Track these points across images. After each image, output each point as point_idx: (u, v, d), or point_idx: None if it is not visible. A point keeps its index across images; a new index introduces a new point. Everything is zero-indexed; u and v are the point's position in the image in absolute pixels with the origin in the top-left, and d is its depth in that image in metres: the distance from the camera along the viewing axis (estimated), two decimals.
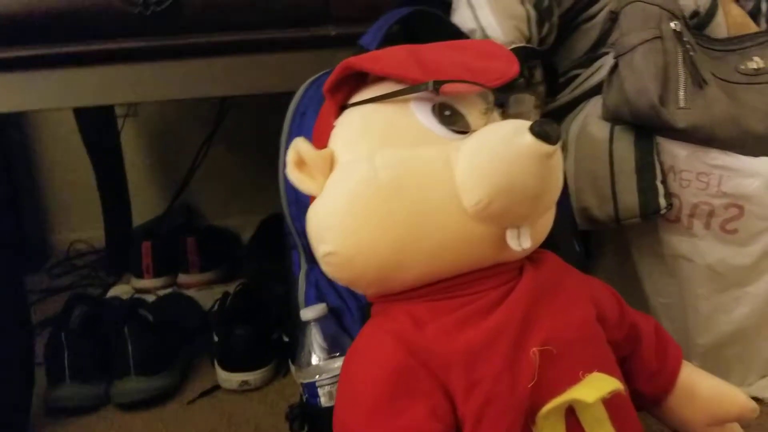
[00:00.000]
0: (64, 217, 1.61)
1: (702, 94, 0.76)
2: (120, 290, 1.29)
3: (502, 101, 0.54)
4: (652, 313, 0.88)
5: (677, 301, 0.85)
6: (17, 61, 0.80)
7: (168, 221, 1.53)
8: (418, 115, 0.51)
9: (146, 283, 1.33)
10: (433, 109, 0.51)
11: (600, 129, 0.82)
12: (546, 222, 0.55)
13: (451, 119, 0.51)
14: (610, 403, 0.48)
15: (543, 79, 0.88)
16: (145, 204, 1.55)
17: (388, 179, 0.49)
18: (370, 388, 0.49)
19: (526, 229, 0.50)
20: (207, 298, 1.22)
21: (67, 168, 1.56)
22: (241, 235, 1.49)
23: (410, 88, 0.51)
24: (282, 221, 1.41)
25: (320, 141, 0.55)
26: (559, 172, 0.50)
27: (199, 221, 1.62)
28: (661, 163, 0.79)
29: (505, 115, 0.54)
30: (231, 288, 1.12)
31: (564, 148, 0.87)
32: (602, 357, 0.53)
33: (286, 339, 1.02)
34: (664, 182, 0.79)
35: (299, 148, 0.52)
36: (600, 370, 0.50)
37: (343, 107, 0.55)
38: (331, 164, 0.52)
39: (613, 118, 0.81)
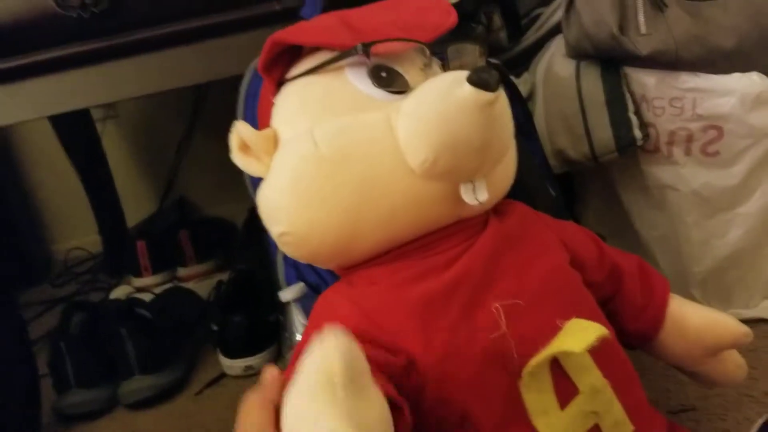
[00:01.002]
0: (60, 227, 1.62)
1: (663, 18, 0.73)
2: (122, 291, 1.29)
3: (441, 55, 0.52)
4: (645, 248, 0.86)
5: (669, 232, 0.83)
6: None
7: (163, 217, 1.53)
8: (354, 81, 0.49)
9: (146, 281, 1.33)
10: (369, 72, 0.49)
11: (565, 67, 0.80)
12: (505, 171, 0.54)
13: (389, 80, 0.49)
14: (594, 348, 0.47)
15: (503, 24, 0.86)
16: (138, 203, 1.56)
17: (330, 152, 0.47)
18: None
19: (481, 182, 0.49)
20: (207, 288, 1.22)
21: (55, 179, 1.56)
22: (237, 222, 1.49)
23: (340, 54, 0.49)
24: None
25: (264, 121, 0.54)
26: (505, 118, 0.48)
27: (194, 213, 1.62)
28: (631, 94, 0.77)
29: (448, 69, 0.52)
30: (224, 278, 1.12)
31: (532, 93, 0.86)
32: (580, 302, 0.52)
33: (283, 319, 1.02)
34: (637, 113, 0.77)
35: (240, 131, 0.51)
36: (578, 316, 0.48)
37: (280, 83, 0.54)
38: (274, 143, 0.51)
39: (577, 54, 0.78)
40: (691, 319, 0.58)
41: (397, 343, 0.46)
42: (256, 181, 0.75)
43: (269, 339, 1.01)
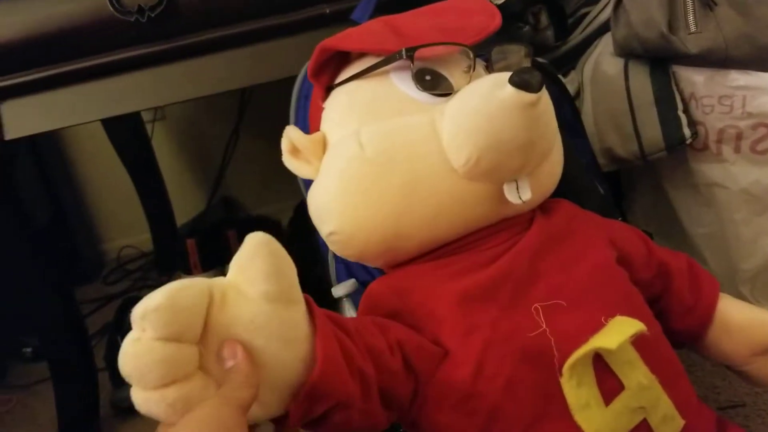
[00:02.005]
0: (112, 226, 1.67)
1: (712, 16, 0.72)
2: None
3: (486, 57, 0.53)
4: (693, 246, 0.85)
5: (717, 230, 0.82)
6: (32, 84, 0.83)
7: (210, 216, 1.57)
8: (399, 84, 0.51)
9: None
10: (413, 76, 0.50)
11: (613, 66, 0.80)
12: (550, 170, 0.54)
13: (433, 83, 0.50)
14: (640, 344, 0.47)
15: (549, 23, 0.86)
16: (185, 202, 1.59)
17: (375, 154, 0.49)
18: None
19: (525, 181, 0.49)
20: None
21: (106, 179, 1.61)
22: (282, 222, 1.52)
23: (385, 59, 0.50)
24: None
25: (314, 124, 0.56)
26: (549, 118, 0.48)
27: (239, 212, 1.65)
28: (680, 92, 0.76)
29: (493, 71, 0.53)
30: None
31: (580, 91, 0.85)
32: (625, 300, 0.52)
33: None
34: (685, 111, 0.76)
35: (290, 135, 0.53)
36: (624, 314, 0.49)
37: (329, 88, 0.55)
38: (323, 146, 0.52)
39: (625, 53, 0.78)
40: (738, 317, 0.58)
41: (435, 333, 0.48)
42: (308, 183, 0.78)
43: None
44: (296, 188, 1.41)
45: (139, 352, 0.35)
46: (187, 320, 0.36)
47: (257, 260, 0.37)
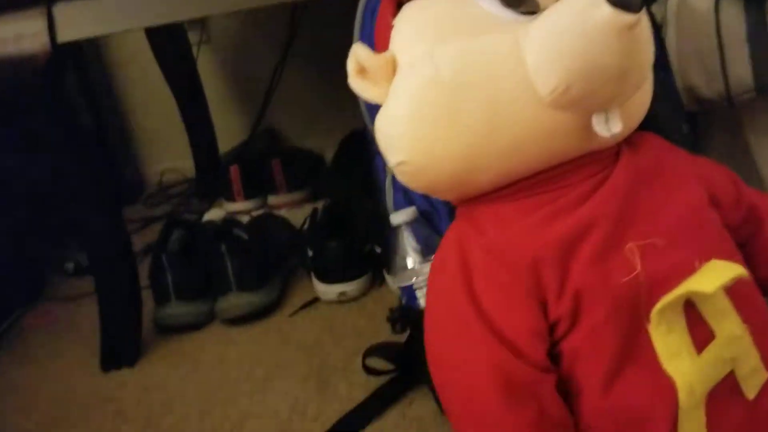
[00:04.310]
0: (154, 150, 1.66)
1: None
2: (214, 214, 1.32)
3: None
4: None
5: None
6: None
7: (252, 146, 1.55)
8: (480, 0, 0.47)
9: (238, 206, 1.36)
10: None
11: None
12: (641, 100, 0.50)
13: (518, 0, 0.46)
14: (733, 292, 0.44)
15: None
16: (228, 131, 1.57)
17: (451, 76, 0.45)
18: (445, 298, 0.48)
19: (615, 111, 0.45)
20: (297, 217, 1.23)
21: (151, 102, 1.60)
22: (324, 155, 1.49)
23: None
24: (363, 137, 1.40)
25: (382, 43, 0.52)
26: (647, 43, 0.44)
27: (282, 144, 1.63)
28: None
29: None
30: (319, 206, 1.13)
31: (662, 23, 0.80)
32: (719, 243, 0.48)
33: (378, 250, 1.02)
34: None
35: (358, 54, 0.49)
36: (718, 257, 0.45)
37: (400, 4, 0.51)
38: (393, 68, 0.48)
39: None
40: None
41: (531, 289, 0.45)
42: (373, 108, 0.74)
43: (363, 268, 1.01)
44: (340, 123, 1.39)
45: None
46: None
47: None
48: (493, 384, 0.44)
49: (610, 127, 0.45)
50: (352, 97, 0.71)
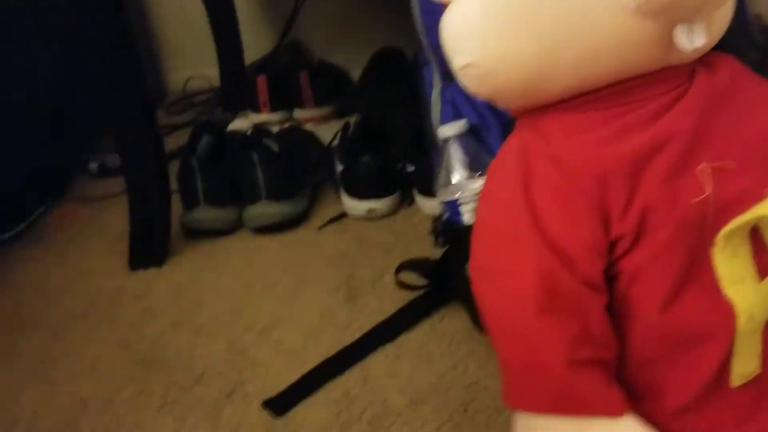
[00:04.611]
0: (179, 56, 1.62)
1: None
2: (239, 125, 1.30)
3: None
4: None
5: None
6: None
7: (278, 58, 1.52)
8: None
9: (264, 117, 1.34)
10: None
11: None
12: (724, 15, 0.47)
13: None
14: None
15: None
16: (254, 42, 1.53)
17: None
18: (499, 204, 0.46)
19: (700, 24, 0.43)
20: (323, 132, 1.22)
21: (178, 6, 1.55)
22: (349, 72, 1.46)
23: None
24: (395, 54, 1.37)
25: None
26: None
27: (308, 57, 1.59)
28: None
29: None
30: (350, 120, 1.11)
31: None
32: None
33: (410, 169, 1.01)
34: None
35: None
36: None
37: None
38: None
39: None
40: None
41: (595, 203, 0.44)
42: (428, 14, 0.72)
43: (394, 185, 1.00)
44: (367, 40, 1.36)
45: None
46: None
47: None
48: (537, 293, 0.43)
49: (692, 40, 0.43)
50: (381, 14, 0.69)
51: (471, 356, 0.72)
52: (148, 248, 0.95)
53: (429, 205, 0.98)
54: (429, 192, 0.97)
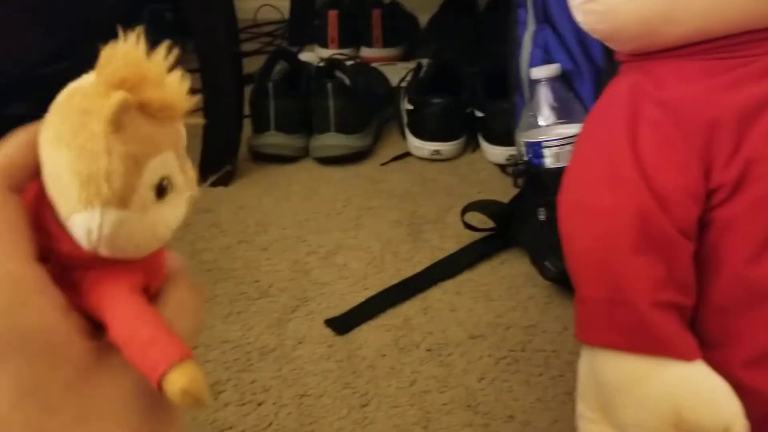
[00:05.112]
0: None
1: None
2: (306, 57, 1.31)
3: None
4: None
5: None
6: None
7: None
8: None
9: (330, 52, 1.34)
10: None
11: None
12: None
13: None
14: None
15: None
16: None
17: None
18: (602, 141, 0.47)
19: None
20: (390, 73, 1.22)
21: None
22: (418, 17, 1.45)
23: None
24: (467, 2, 1.35)
25: None
26: None
27: None
28: None
29: None
30: (413, 65, 1.11)
31: None
32: None
33: (479, 114, 1.01)
34: None
35: None
36: None
37: None
38: None
39: None
40: None
41: (700, 150, 0.44)
42: None
43: (461, 130, 1.01)
44: None
45: None
46: None
47: None
48: (633, 232, 0.44)
49: None
50: None
51: (531, 300, 0.73)
52: (218, 165, 0.97)
53: (494, 153, 0.98)
54: (495, 139, 0.98)
